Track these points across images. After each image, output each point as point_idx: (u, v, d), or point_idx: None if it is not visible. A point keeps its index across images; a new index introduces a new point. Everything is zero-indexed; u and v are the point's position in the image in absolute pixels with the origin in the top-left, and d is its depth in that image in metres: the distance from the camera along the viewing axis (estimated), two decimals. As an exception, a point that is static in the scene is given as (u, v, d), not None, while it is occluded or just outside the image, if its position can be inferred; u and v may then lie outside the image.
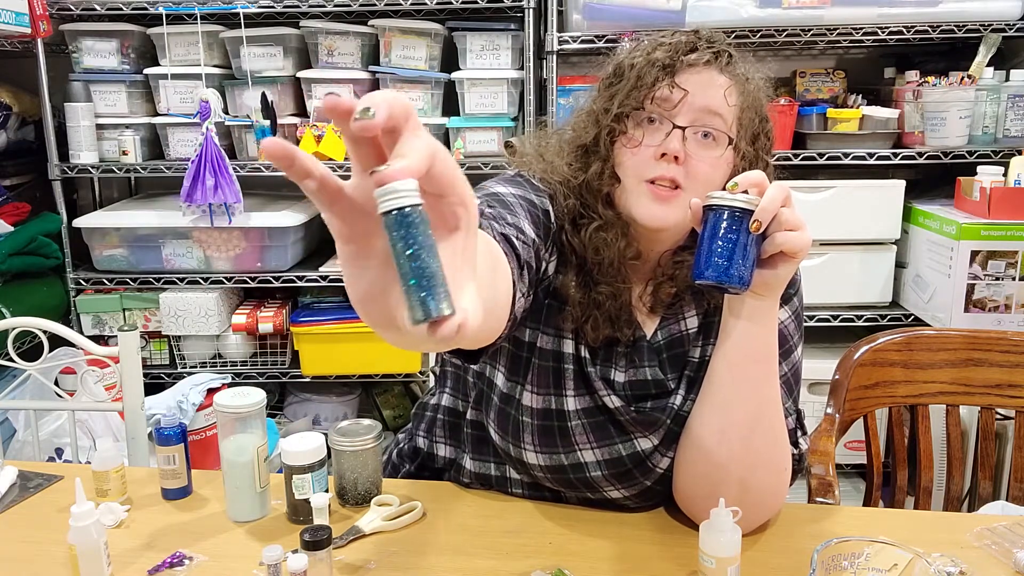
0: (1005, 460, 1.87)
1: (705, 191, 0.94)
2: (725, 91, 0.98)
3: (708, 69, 0.98)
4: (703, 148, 0.98)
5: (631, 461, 1.05)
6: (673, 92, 0.97)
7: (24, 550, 1.05)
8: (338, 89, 2.34)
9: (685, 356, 1.07)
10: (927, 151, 2.22)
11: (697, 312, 1.07)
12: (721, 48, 1.00)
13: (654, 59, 0.99)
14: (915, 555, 0.81)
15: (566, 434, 1.05)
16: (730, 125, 0.99)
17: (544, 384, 1.05)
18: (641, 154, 0.98)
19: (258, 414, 1.11)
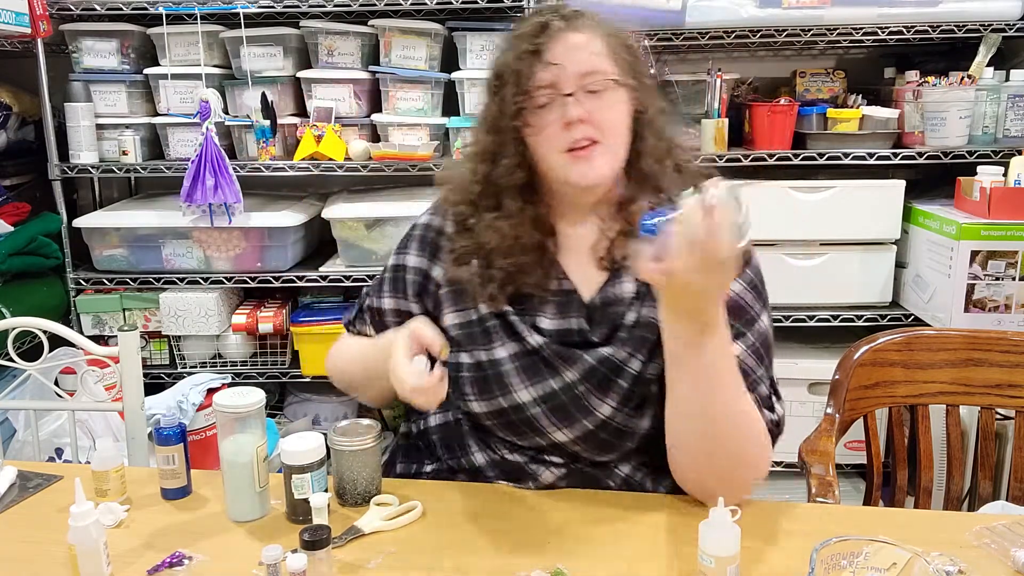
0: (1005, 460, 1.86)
1: (617, 134, 1.11)
2: (588, 44, 1.10)
3: (565, 34, 1.10)
4: (597, 100, 1.09)
5: (563, 393, 1.13)
6: (548, 71, 1.09)
7: (24, 550, 1.05)
8: (338, 89, 2.34)
9: (619, 316, 1.15)
10: (927, 151, 2.22)
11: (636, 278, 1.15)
12: (567, 12, 1.13)
13: (522, 52, 1.10)
14: (914, 554, 0.81)
15: (500, 379, 1.15)
16: (608, 70, 1.10)
17: (473, 343, 1.18)
18: (550, 133, 1.10)
19: (257, 414, 1.11)
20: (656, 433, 1.13)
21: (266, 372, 2.47)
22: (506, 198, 1.16)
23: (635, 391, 1.13)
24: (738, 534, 0.91)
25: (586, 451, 1.16)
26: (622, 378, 1.13)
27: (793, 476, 2.38)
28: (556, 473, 1.17)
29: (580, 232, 1.19)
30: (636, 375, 1.13)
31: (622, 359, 1.13)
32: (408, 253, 1.26)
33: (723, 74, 2.27)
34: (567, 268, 1.19)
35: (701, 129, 2.30)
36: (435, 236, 1.24)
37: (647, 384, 1.13)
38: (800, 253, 2.29)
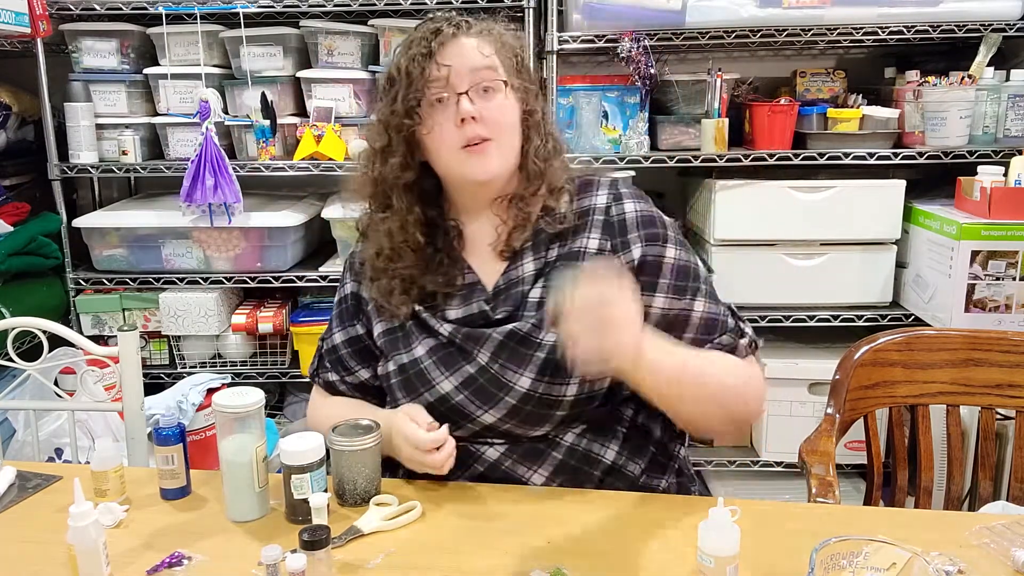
0: (1005, 460, 1.86)
1: (508, 132, 1.18)
2: (479, 47, 1.17)
3: (457, 39, 1.17)
4: (488, 99, 1.16)
5: (480, 376, 1.18)
6: (440, 70, 1.15)
7: (23, 550, 1.05)
8: (338, 89, 2.34)
9: (522, 295, 1.21)
10: (927, 151, 2.22)
11: (535, 258, 1.22)
12: (459, 20, 1.19)
13: (414, 54, 1.16)
14: (914, 554, 0.81)
15: (422, 376, 1.21)
16: (497, 70, 1.17)
17: (395, 348, 1.25)
18: (443, 131, 1.16)
19: (257, 414, 1.11)
20: (587, 398, 1.18)
21: (266, 372, 2.47)
22: (394, 197, 1.22)
23: (551, 360, 1.16)
24: (738, 534, 0.91)
25: (518, 427, 1.19)
26: (534, 349, 1.17)
27: (793, 476, 2.39)
28: (499, 450, 1.20)
29: (480, 228, 1.25)
30: (552, 345, 1.16)
31: (528, 331, 1.18)
32: (345, 283, 1.35)
33: (723, 74, 2.27)
34: (471, 262, 1.26)
35: (701, 129, 2.30)
36: (359, 262, 1.32)
37: None
38: (800, 253, 2.29)
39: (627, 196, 1.24)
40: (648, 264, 1.19)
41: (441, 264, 1.24)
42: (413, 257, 1.22)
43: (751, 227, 2.27)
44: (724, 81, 2.27)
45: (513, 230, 1.22)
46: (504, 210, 1.23)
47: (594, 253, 1.20)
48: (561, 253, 1.21)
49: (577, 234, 1.22)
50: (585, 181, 1.27)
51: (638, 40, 2.19)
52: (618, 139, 2.33)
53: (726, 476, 2.44)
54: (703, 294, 1.21)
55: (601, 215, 1.22)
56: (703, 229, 2.39)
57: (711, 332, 1.20)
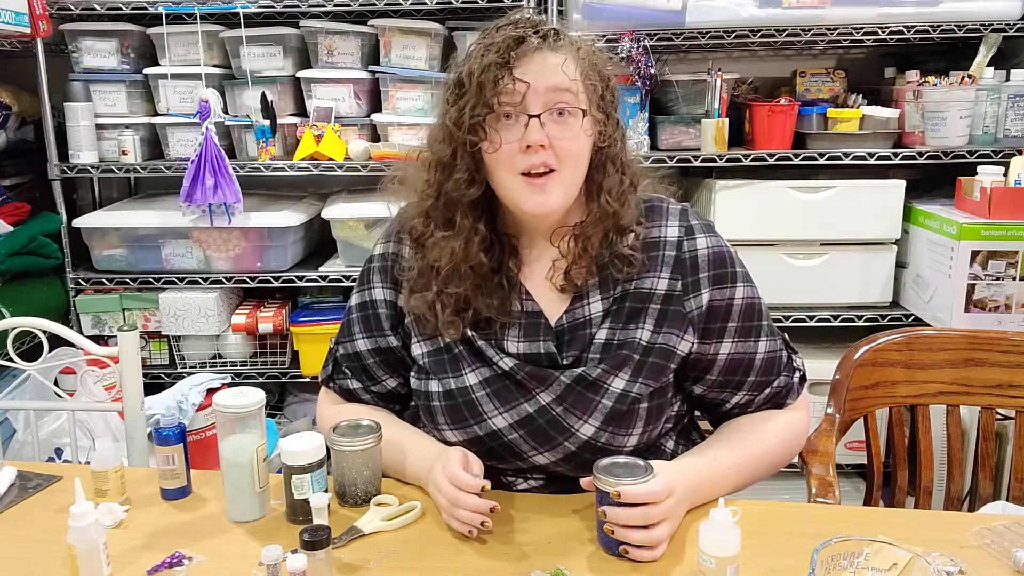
0: (1005, 460, 1.86)
1: (575, 165, 1.07)
2: (563, 66, 1.05)
3: (540, 52, 1.05)
4: (562, 126, 1.05)
5: (540, 416, 1.11)
6: (516, 86, 1.03)
7: (23, 550, 1.05)
8: (338, 89, 2.34)
9: (589, 337, 1.13)
10: (927, 151, 2.22)
11: (603, 297, 1.14)
12: (546, 29, 1.07)
13: (489, 62, 1.04)
14: (914, 554, 0.81)
15: (472, 406, 1.13)
16: (578, 96, 1.06)
17: (442, 371, 1.16)
18: (506, 152, 1.06)
19: (257, 414, 1.11)
20: (645, 449, 1.13)
21: (266, 372, 2.47)
22: (458, 214, 1.11)
23: (619, 409, 1.10)
24: (738, 534, 0.91)
25: (569, 471, 1.14)
26: (601, 396, 1.10)
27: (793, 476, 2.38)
28: (533, 484, 1.18)
29: (539, 252, 1.17)
30: (619, 392, 1.10)
31: (597, 376, 1.10)
32: (373, 287, 1.23)
33: (723, 74, 2.27)
34: (531, 289, 1.16)
35: (701, 129, 2.30)
36: (393, 264, 1.21)
37: (634, 402, 1.11)
38: (800, 253, 2.29)
39: (699, 229, 1.15)
40: (717, 309, 1.13)
41: (500, 287, 1.13)
42: (473, 278, 1.12)
43: (751, 227, 2.27)
44: (724, 81, 2.27)
45: (573, 265, 1.13)
46: (564, 242, 1.13)
47: (663, 293, 1.12)
48: (628, 290, 1.13)
49: (646, 271, 1.13)
50: (652, 206, 1.17)
51: (638, 40, 2.19)
52: (618, 139, 2.33)
53: (726, 476, 2.43)
54: (765, 332, 1.17)
55: (672, 251, 1.13)
56: (703, 229, 2.39)
57: (771, 373, 1.18)
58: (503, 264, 1.15)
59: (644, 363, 1.11)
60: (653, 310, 1.12)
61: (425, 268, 1.15)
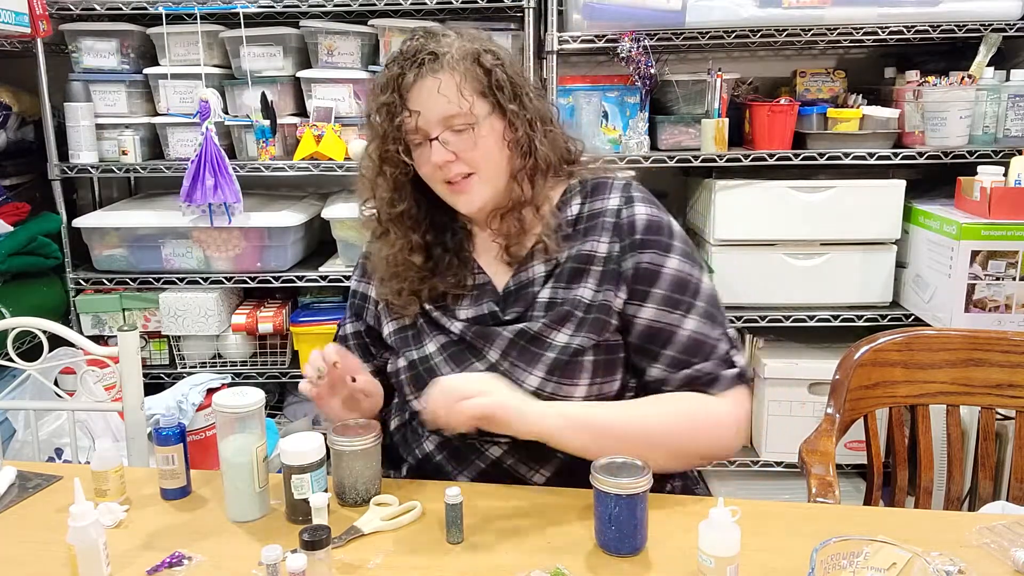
0: (1005, 460, 1.86)
1: (491, 164, 1.17)
2: (443, 88, 1.14)
3: (423, 81, 1.15)
4: (462, 139, 1.15)
5: (490, 373, 1.18)
6: (411, 116, 1.15)
7: (23, 550, 1.05)
8: (338, 89, 2.34)
9: (533, 296, 1.22)
10: (927, 151, 2.22)
11: (545, 260, 1.23)
12: (422, 57, 1.15)
13: (384, 103, 1.18)
14: (914, 554, 0.81)
15: (432, 372, 1.22)
16: (467, 108, 1.14)
17: (406, 345, 1.27)
18: (427, 171, 1.19)
19: (257, 414, 1.11)
20: (595, 399, 1.18)
21: (266, 372, 2.47)
22: (390, 228, 1.25)
23: (561, 360, 1.17)
24: (738, 534, 0.91)
25: None
26: (544, 348, 1.17)
27: (793, 476, 2.39)
28: (503, 448, 1.20)
29: (487, 233, 1.26)
30: (561, 345, 1.17)
31: (539, 330, 1.18)
32: (353, 279, 1.39)
33: (723, 74, 2.27)
34: (481, 263, 1.27)
35: (701, 129, 2.30)
36: (365, 260, 1.35)
37: (576, 353, 1.17)
38: (800, 253, 2.29)
39: (639, 200, 1.23)
40: (644, 271, 1.18)
41: (451, 265, 1.25)
42: (418, 271, 1.24)
43: (751, 227, 2.27)
44: (724, 81, 2.27)
45: (510, 242, 1.22)
46: (498, 224, 1.23)
47: (603, 256, 1.20)
48: (571, 254, 1.21)
49: (588, 236, 1.22)
50: (599, 183, 1.26)
51: (638, 40, 2.19)
52: (618, 139, 2.33)
53: (726, 476, 2.44)
54: (698, 312, 1.18)
55: (612, 217, 1.22)
56: (703, 229, 2.39)
57: (694, 354, 1.17)
58: (459, 246, 1.27)
59: (586, 319, 1.18)
60: (595, 272, 1.20)
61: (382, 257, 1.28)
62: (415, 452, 1.27)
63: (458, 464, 1.22)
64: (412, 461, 1.28)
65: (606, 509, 0.99)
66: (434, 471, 1.24)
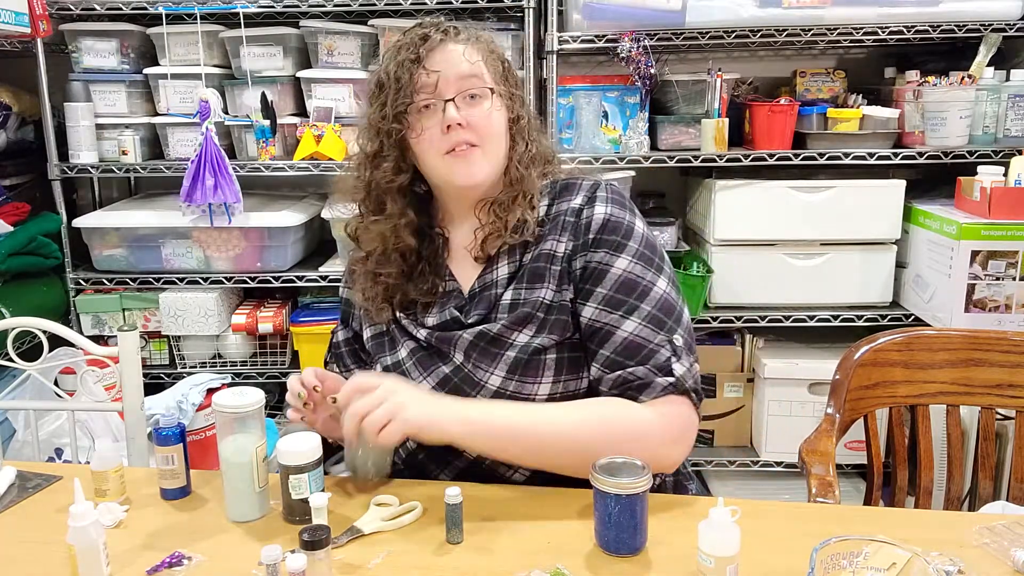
0: (1005, 460, 1.86)
1: (496, 139, 1.19)
2: (464, 54, 1.17)
3: (444, 45, 1.18)
4: (475, 107, 1.17)
5: (454, 375, 1.21)
6: (429, 76, 1.16)
7: (23, 550, 1.05)
8: (338, 89, 2.34)
9: (495, 298, 1.23)
10: (927, 151, 2.22)
11: (509, 262, 1.23)
12: (447, 26, 1.20)
13: (403, 60, 1.17)
14: (913, 554, 0.81)
15: (404, 376, 1.23)
16: (484, 77, 1.18)
17: (382, 351, 1.29)
18: (430, 136, 1.17)
19: (257, 414, 1.11)
20: (562, 398, 1.19)
21: (266, 372, 2.47)
22: (388, 201, 1.23)
23: (521, 359, 1.17)
24: (738, 534, 0.91)
25: None
26: (504, 348, 1.19)
27: (793, 476, 2.39)
28: None
29: (463, 234, 1.27)
30: (522, 345, 1.18)
31: (498, 331, 1.19)
32: (343, 286, 1.40)
33: (723, 74, 2.27)
34: (453, 269, 1.28)
35: (701, 129, 2.30)
36: (353, 267, 1.35)
37: (537, 352, 1.18)
38: (800, 253, 2.29)
39: (601, 200, 1.21)
40: (592, 271, 1.18)
41: (423, 273, 1.26)
42: (401, 263, 1.25)
43: (751, 227, 2.27)
44: (724, 81, 2.27)
45: (489, 235, 1.22)
46: (484, 215, 1.23)
47: (560, 255, 1.20)
48: (533, 255, 1.22)
49: (549, 236, 1.22)
50: (567, 183, 1.26)
51: (638, 40, 2.19)
52: (618, 139, 2.33)
53: (726, 476, 2.44)
54: (642, 316, 1.15)
55: (572, 217, 1.22)
56: (703, 229, 2.39)
57: (630, 358, 1.14)
58: (435, 253, 1.27)
59: (548, 320, 1.19)
60: (554, 271, 1.20)
61: (360, 260, 1.29)
62: (399, 452, 1.27)
63: (439, 464, 1.23)
64: (398, 461, 1.27)
65: (606, 509, 0.99)
66: (418, 471, 1.25)
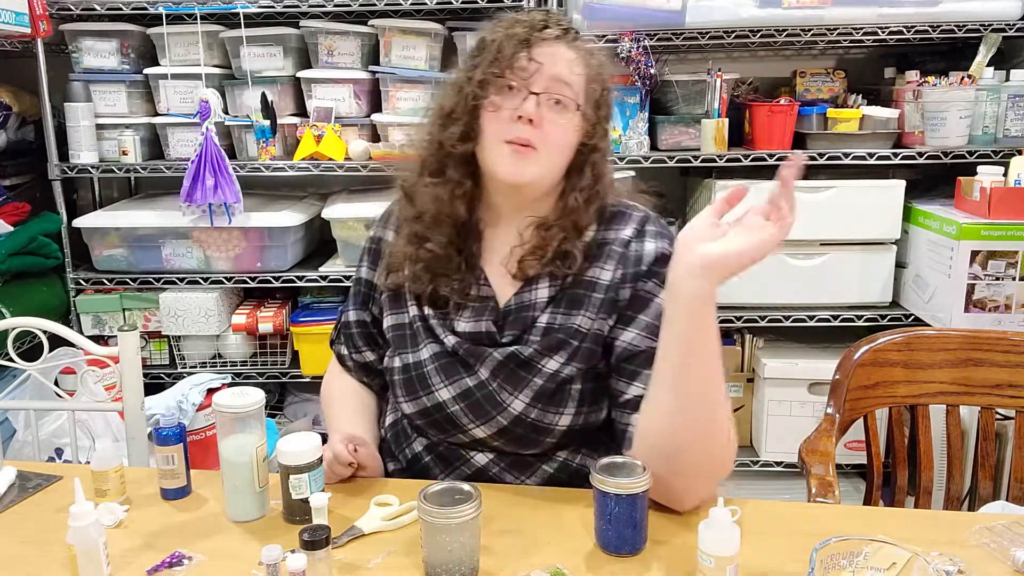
0: (1005, 460, 1.86)
1: (556, 152, 1.15)
2: (572, 63, 1.14)
3: (558, 44, 1.14)
4: (554, 113, 1.13)
5: (477, 391, 1.18)
6: (530, 64, 1.12)
7: (23, 550, 1.05)
8: (338, 89, 2.34)
9: (531, 320, 1.19)
10: (927, 151, 2.22)
11: (550, 285, 1.20)
12: (568, 26, 1.16)
13: (513, 34, 1.13)
14: (914, 554, 0.81)
15: (423, 379, 1.20)
16: (577, 93, 1.14)
17: (402, 346, 1.24)
18: (500, 117, 1.13)
19: (257, 414, 1.11)
20: (581, 430, 1.18)
21: (266, 372, 2.47)
22: (449, 165, 1.19)
23: (548, 387, 1.16)
24: (738, 534, 0.91)
25: (507, 446, 1.19)
26: (533, 374, 1.16)
27: (793, 476, 2.39)
28: (488, 457, 1.21)
29: (501, 239, 1.23)
30: (551, 373, 1.16)
31: (529, 355, 1.17)
32: (362, 266, 1.35)
33: (723, 74, 2.27)
34: (488, 275, 1.23)
35: (701, 129, 2.30)
36: (377, 246, 1.33)
37: (564, 382, 1.16)
38: (800, 253, 2.29)
39: (651, 234, 1.20)
40: (637, 299, 1.17)
41: (459, 269, 1.21)
42: (449, 233, 1.20)
43: (751, 227, 2.26)
44: (724, 81, 2.27)
45: (528, 255, 1.18)
46: (528, 231, 1.19)
47: (605, 284, 1.18)
48: (575, 280, 1.19)
49: (592, 263, 1.19)
50: (616, 212, 1.23)
51: (638, 40, 2.19)
52: (618, 139, 2.33)
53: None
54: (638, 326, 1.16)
55: (620, 247, 1.19)
56: (703, 229, 2.39)
57: None
58: (467, 249, 1.23)
59: (580, 348, 1.17)
60: (595, 299, 1.18)
61: (411, 219, 1.23)
62: (405, 452, 1.27)
63: (444, 468, 1.23)
64: (402, 461, 1.27)
65: (606, 509, 0.99)
66: (421, 472, 1.24)
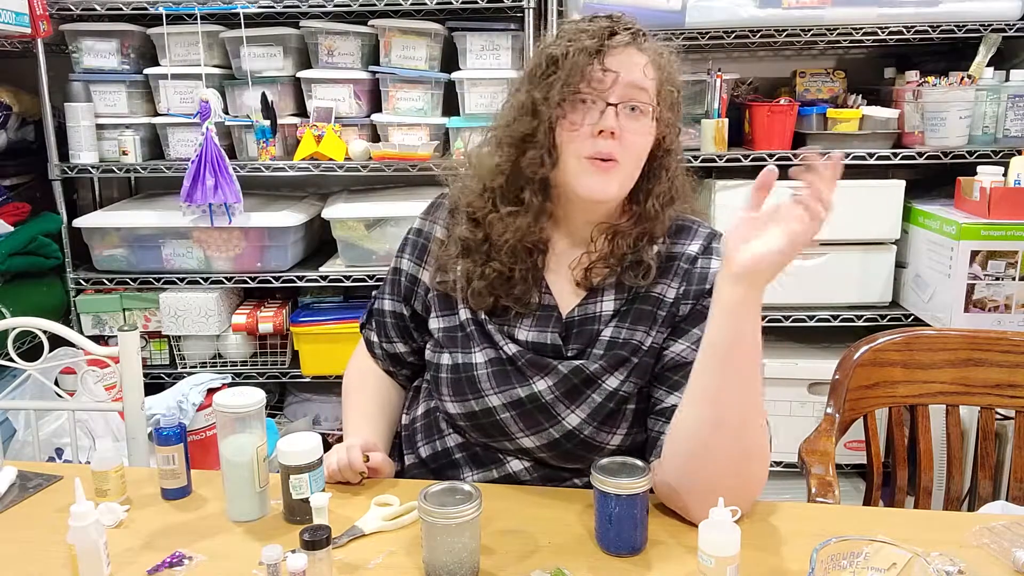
0: (1005, 460, 1.86)
1: (636, 161, 1.12)
2: (644, 67, 1.11)
3: (628, 49, 1.11)
4: (632, 120, 1.10)
5: (530, 402, 1.16)
6: (605, 75, 1.08)
7: (23, 550, 1.05)
8: (338, 89, 2.34)
9: (595, 333, 1.17)
10: (927, 151, 2.22)
11: (616, 298, 1.18)
12: (636, 28, 1.13)
13: (583, 46, 1.09)
14: (914, 554, 0.81)
15: (473, 382, 1.18)
16: (652, 97, 1.12)
17: (454, 346, 1.21)
18: (578, 135, 1.10)
19: (257, 414, 1.11)
20: (626, 451, 1.15)
21: (266, 372, 2.47)
22: (527, 191, 1.15)
23: (607, 406, 1.14)
24: (738, 534, 0.91)
25: (552, 459, 1.18)
26: (593, 391, 1.15)
27: (793, 476, 2.38)
28: (523, 465, 1.20)
29: (568, 246, 1.21)
30: (610, 391, 1.15)
31: (593, 371, 1.15)
32: (403, 257, 1.31)
33: (723, 74, 2.27)
34: (550, 281, 1.21)
35: (701, 129, 2.30)
36: (425, 242, 1.29)
37: (622, 401, 1.15)
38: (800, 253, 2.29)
39: (717, 252, 1.17)
40: (693, 313, 1.15)
41: (523, 279, 1.18)
42: (521, 255, 1.17)
43: (751, 227, 2.26)
44: (724, 81, 2.27)
45: (597, 263, 1.17)
46: (600, 238, 1.17)
47: (669, 301, 1.17)
48: (640, 294, 1.17)
49: (660, 278, 1.18)
50: (682, 225, 1.22)
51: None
52: (618, 139, 2.33)
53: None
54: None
55: (687, 263, 1.18)
56: (703, 229, 2.39)
57: None
58: (535, 265, 1.20)
59: (639, 364, 1.16)
60: (659, 316, 1.17)
61: (478, 241, 1.19)
62: (435, 443, 1.24)
63: (475, 468, 1.22)
64: (428, 451, 1.25)
65: (606, 509, 0.99)
66: (448, 466, 1.23)
